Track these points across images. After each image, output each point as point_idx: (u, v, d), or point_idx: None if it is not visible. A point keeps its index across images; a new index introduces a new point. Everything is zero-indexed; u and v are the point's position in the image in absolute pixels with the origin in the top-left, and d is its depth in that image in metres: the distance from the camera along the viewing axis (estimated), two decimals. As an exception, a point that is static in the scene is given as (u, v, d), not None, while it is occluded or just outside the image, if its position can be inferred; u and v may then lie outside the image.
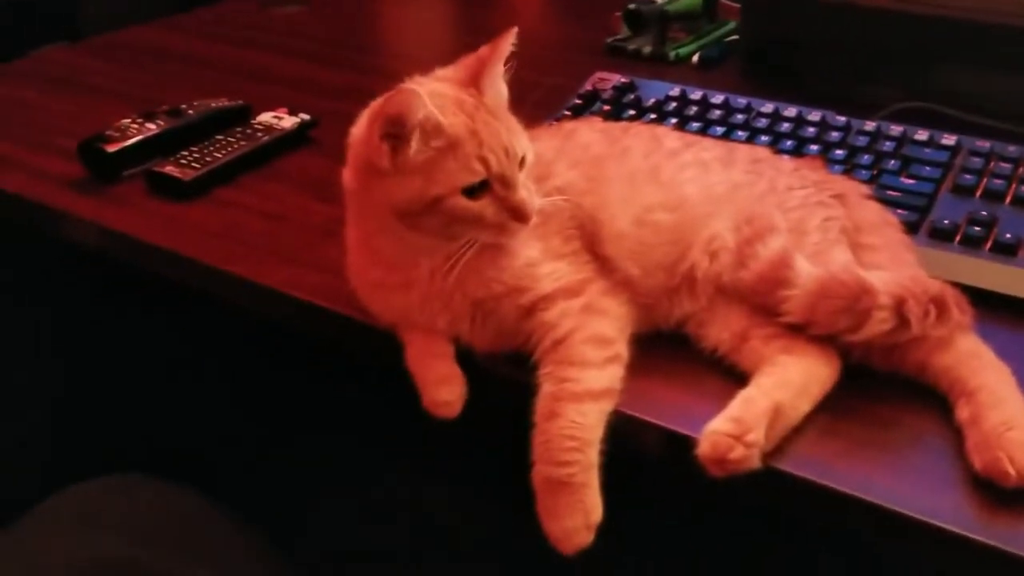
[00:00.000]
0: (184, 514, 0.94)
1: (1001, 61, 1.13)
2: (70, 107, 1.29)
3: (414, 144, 0.71)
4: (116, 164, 1.08)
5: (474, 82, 0.76)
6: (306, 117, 1.17)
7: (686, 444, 0.69)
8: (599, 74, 1.21)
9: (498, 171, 0.73)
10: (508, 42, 0.77)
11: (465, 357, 0.79)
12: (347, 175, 0.78)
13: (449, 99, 0.74)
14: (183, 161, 1.06)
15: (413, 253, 0.77)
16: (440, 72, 0.79)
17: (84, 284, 1.32)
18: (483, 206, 0.73)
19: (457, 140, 0.72)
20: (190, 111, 1.15)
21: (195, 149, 1.08)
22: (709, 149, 0.87)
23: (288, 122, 1.15)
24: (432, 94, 0.72)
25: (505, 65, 0.78)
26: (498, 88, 0.77)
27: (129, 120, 1.11)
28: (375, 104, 0.75)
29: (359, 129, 0.77)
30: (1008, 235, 0.87)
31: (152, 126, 1.11)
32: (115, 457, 1.01)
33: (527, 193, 0.74)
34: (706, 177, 0.83)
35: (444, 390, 0.77)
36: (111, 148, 1.07)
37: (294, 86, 1.32)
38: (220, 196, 1.06)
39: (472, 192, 0.73)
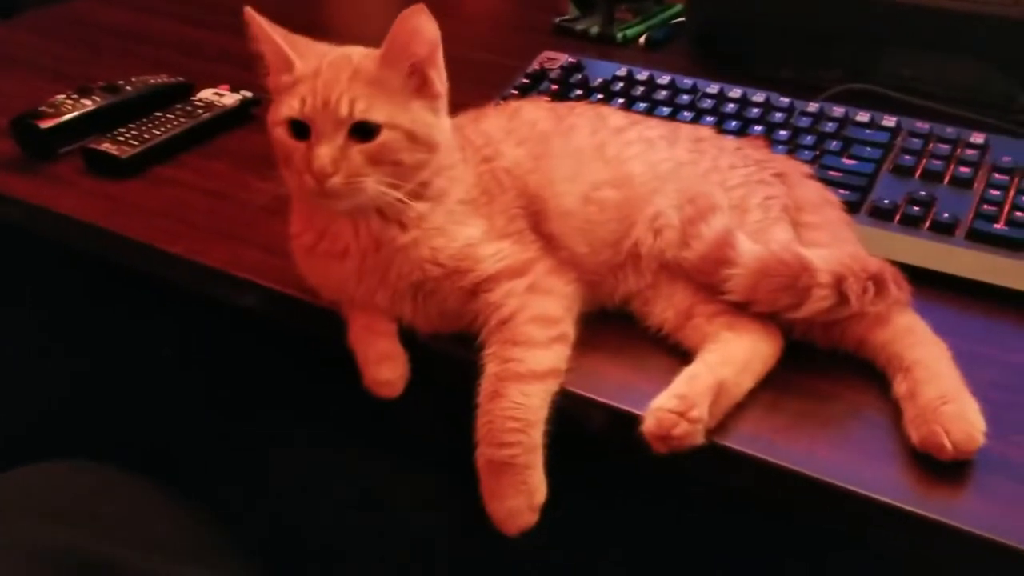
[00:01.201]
0: (127, 499, 0.92)
1: (941, 45, 1.15)
2: (2, 82, 1.25)
3: (269, 66, 0.77)
4: (50, 141, 1.05)
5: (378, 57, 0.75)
6: (248, 94, 1.14)
7: (631, 421, 0.69)
8: (546, 53, 1.21)
9: (308, 114, 0.72)
10: (401, 34, 0.74)
11: (409, 336, 0.79)
12: None
13: (336, 55, 0.76)
14: (120, 138, 1.04)
15: (320, 211, 0.78)
16: None
17: (53, 265, 1.29)
18: (296, 147, 0.74)
19: (300, 78, 0.74)
20: (128, 87, 1.12)
21: (133, 126, 1.06)
22: (653, 128, 0.87)
23: (230, 99, 1.13)
24: (331, 51, 0.76)
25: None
26: (399, 71, 0.75)
27: (64, 96, 1.08)
28: None
29: None
30: (946, 215, 0.88)
31: (88, 102, 1.08)
32: (64, 442, 0.99)
33: (331, 153, 0.71)
34: (651, 154, 0.83)
35: (385, 369, 0.77)
36: (45, 124, 1.04)
37: (238, 64, 1.28)
38: (159, 174, 1.04)
39: (299, 133, 0.74)
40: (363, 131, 0.72)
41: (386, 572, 1.09)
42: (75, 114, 1.06)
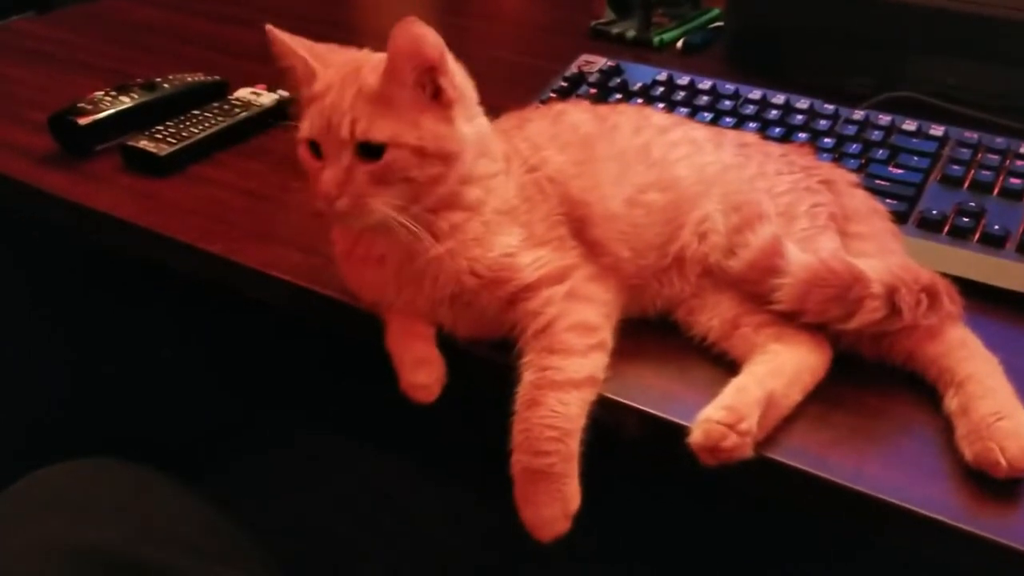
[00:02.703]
0: (154, 499, 0.92)
1: (986, 53, 1.13)
2: (41, 79, 1.25)
3: (298, 79, 0.76)
4: (88, 138, 1.05)
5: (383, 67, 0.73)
6: (285, 94, 1.14)
7: (675, 431, 0.68)
8: (585, 57, 1.20)
9: (313, 135, 0.73)
10: (399, 48, 0.71)
11: (447, 340, 0.78)
12: None
13: (351, 66, 0.74)
14: (158, 136, 1.04)
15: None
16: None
17: (57, 263, 1.29)
18: (313, 166, 0.73)
19: (315, 95, 0.73)
20: (165, 85, 1.12)
21: (171, 124, 1.06)
22: (698, 129, 0.86)
23: (267, 99, 1.13)
24: (346, 59, 0.75)
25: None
26: (399, 82, 0.72)
27: (102, 93, 1.08)
28: None
29: None
30: (996, 227, 0.86)
31: (126, 99, 1.08)
32: (84, 441, 0.99)
33: (335, 176, 0.71)
34: (698, 157, 0.81)
35: (422, 373, 0.76)
36: (83, 121, 1.04)
37: (273, 62, 1.29)
38: (197, 173, 1.03)
39: (316, 151, 0.73)
40: (369, 151, 0.71)
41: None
42: (113, 111, 1.06)
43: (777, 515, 0.80)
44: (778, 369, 0.70)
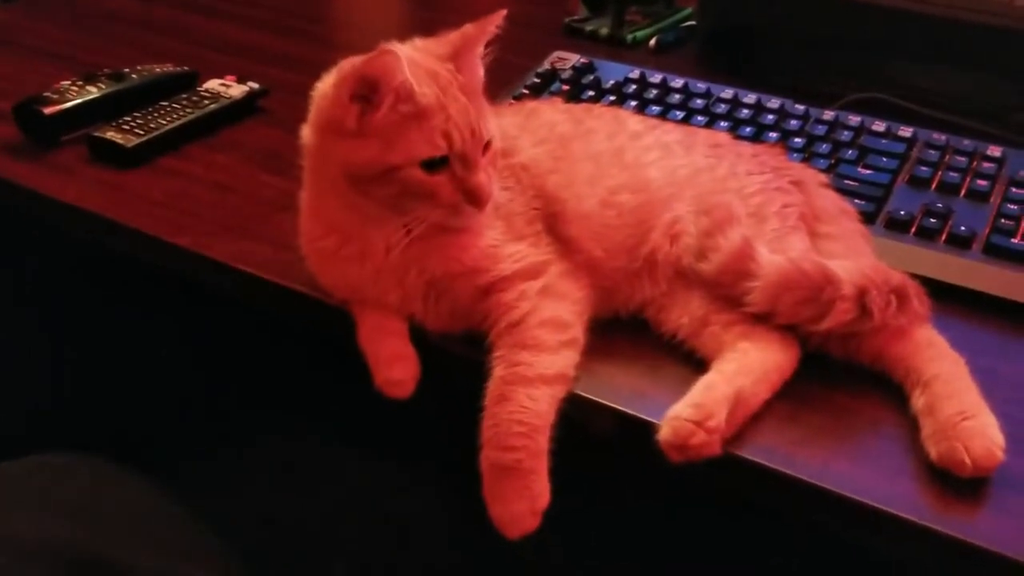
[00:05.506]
0: (118, 494, 0.91)
1: (955, 56, 1.14)
2: (6, 68, 1.23)
3: (384, 109, 0.69)
4: (54, 128, 1.03)
5: (452, 58, 0.74)
6: (255, 86, 1.13)
7: (644, 429, 0.68)
8: (558, 53, 1.20)
9: (460, 150, 0.71)
10: (494, 24, 0.74)
11: (420, 336, 0.77)
12: (307, 131, 0.76)
13: (423, 69, 0.72)
14: (126, 127, 1.02)
15: (363, 222, 0.75)
16: (419, 42, 0.76)
17: (30, 255, 1.27)
18: (439, 183, 0.71)
19: (425, 111, 0.70)
20: (133, 75, 1.10)
21: (138, 115, 1.04)
22: (670, 132, 0.86)
23: (237, 90, 1.11)
24: (408, 61, 0.70)
25: (486, 48, 0.76)
26: (475, 69, 0.75)
27: (69, 82, 1.07)
28: (350, 62, 0.72)
29: (326, 85, 0.74)
30: (962, 228, 0.87)
31: (93, 89, 1.06)
32: (56, 437, 0.97)
33: (486, 177, 0.72)
34: (669, 160, 0.82)
35: (397, 369, 0.76)
36: (49, 110, 1.03)
37: (243, 54, 1.28)
38: (165, 165, 1.02)
39: (431, 167, 0.71)
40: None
41: (380, 574, 1.08)
42: (79, 101, 1.05)
43: (755, 510, 0.80)
44: (747, 367, 0.71)
